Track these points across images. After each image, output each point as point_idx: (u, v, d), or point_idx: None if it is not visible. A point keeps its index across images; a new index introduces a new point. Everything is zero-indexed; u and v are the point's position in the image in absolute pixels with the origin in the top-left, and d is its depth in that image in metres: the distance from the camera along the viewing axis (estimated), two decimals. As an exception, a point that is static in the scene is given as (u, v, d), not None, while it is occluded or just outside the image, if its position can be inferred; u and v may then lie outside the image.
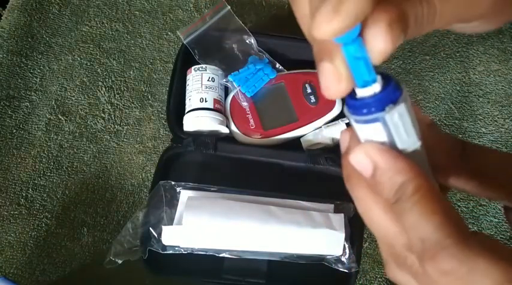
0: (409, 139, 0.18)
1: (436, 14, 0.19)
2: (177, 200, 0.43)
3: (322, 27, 0.15)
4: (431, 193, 0.17)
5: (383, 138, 0.18)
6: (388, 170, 0.18)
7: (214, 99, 0.46)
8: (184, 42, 0.49)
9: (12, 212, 0.46)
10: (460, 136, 0.51)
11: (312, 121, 0.46)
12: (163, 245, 0.41)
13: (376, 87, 0.17)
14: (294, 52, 0.50)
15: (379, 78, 0.17)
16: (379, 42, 0.16)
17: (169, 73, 0.51)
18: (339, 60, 0.17)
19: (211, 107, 0.45)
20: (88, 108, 0.51)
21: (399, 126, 0.18)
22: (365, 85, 0.17)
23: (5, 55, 0.52)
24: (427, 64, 0.54)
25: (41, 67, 0.53)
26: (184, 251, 0.41)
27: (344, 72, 0.17)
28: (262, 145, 0.46)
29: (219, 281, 0.43)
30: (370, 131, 0.18)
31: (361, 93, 0.18)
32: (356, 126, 0.19)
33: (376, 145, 0.18)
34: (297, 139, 0.47)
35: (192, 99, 0.46)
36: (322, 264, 0.42)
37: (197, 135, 0.46)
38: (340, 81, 0.17)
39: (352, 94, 0.18)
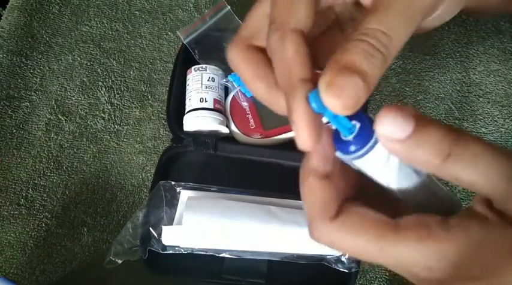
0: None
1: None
2: (177, 200, 0.43)
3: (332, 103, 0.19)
4: (312, 190, 0.22)
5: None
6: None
7: (214, 99, 0.46)
8: (184, 42, 0.49)
9: (12, 212, 0.46)
10: (460, 136, 0.51)
11: (312, 121, 0.46)
12: (163, 245, 0.41)
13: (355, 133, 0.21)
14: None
15: (357, 125, 0.21)
16: (330, 104, 0.19)
17: (169, 73, 0.51)
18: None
19: (211, 107, 0.45)
20: (88, 108, 0.51)
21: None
22: (349, 133, 0.21)
23: (5, 55, 0.52)
24: (427, 64, 0.54)
25: (41, 67, 0.53)
26: (184, 251, 0.41)
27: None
28: (262, 145, 0.46)
29: (219, 281, 0.43)
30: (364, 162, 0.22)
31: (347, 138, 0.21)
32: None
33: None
34: (297, 139, 0.47)
35: (192, 99, 0.46)
36: (322, 264, 0.42)
37: (197, 135, 0.46)
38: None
39: (340, 143, 0.22)
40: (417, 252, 0.19)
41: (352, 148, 0.21)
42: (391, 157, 0.21)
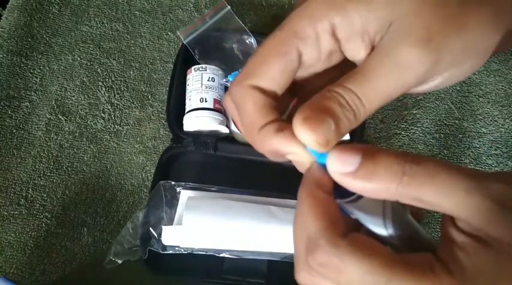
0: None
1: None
2: (177, 200, 0.43)
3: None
4: (319, 202, 0.21)
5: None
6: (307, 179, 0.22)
7: (214, 99, 0.46)
8: (184, 42, 0.49)
9: (12, 212, 0.46)
10: (460, 136, 0.51)
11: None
12: (163, 245, 0.41)
13: None
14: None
15: None
16: (303, 136, 0.20)
17: (169, 73, 0.51)
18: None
19: (211, 107, 0.45)
20: (88, 108, 0.51)
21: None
22: None
23: (5, 55, 0.52)
24: (427, 64, 0.54)
25: (41, 67, 0.53)
26: (184, 251, 0.41)
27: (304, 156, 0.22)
28: (262, 145, 0.46)
29: (219, 281, 0.43)
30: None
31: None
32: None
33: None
34: (297, 139, 0.47)
35: (192, 99, 0.46)
36: (322, 264, 0.42)
37: (197, 135, 0.46)
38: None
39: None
40: None
41: (350, 191, 0.21)
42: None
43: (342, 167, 0.20)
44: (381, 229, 0.22)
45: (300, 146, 0.21)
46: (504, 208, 0.19)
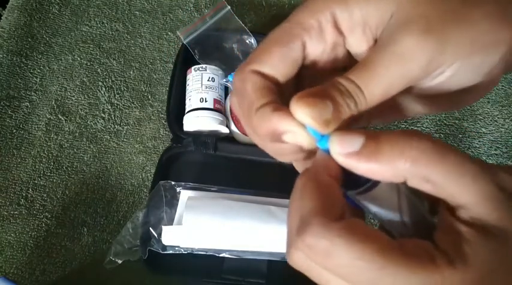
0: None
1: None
2: (177, 200, 0.43)
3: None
4: (316, 182, 0.20)
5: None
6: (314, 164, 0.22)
7: (214, 99, 0.46)
8: (184, 42, 0.49)
9: (12, 212, 0.46)
10: (460, 136, 0.51)
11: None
12: (163, 245, 0.41)
13: None
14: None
15: None
16: (297, 113, 0.20)
17: (169, 73, 0.51)
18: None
19: (211, 107, 0.45)
20: (88, 108, 0.51)
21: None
22: None
23: (5, 55, 0.52)
24: (427, 64, 0.54)
25: (41, 67, 0.53)
26: (184, 251, 0.41)
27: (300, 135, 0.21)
28: (262, 145, 0.46)
29: (219, 281, 0.43)
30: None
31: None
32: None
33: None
34: (297, 139, 0.47)
35: (192, 99, 0.46)
36: (322, 264, 0.42)
37: (197, 135, 0.46)
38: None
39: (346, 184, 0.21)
40: (421, 282, 0.18)
41: (362, 179, 0.20)
42: (400, 186, 0.21)
43: (345, 148, 0.19)
44: (396, 219, 0.22)
45: (299, 124, 0.20)
46: (510, 197, 0.18)
